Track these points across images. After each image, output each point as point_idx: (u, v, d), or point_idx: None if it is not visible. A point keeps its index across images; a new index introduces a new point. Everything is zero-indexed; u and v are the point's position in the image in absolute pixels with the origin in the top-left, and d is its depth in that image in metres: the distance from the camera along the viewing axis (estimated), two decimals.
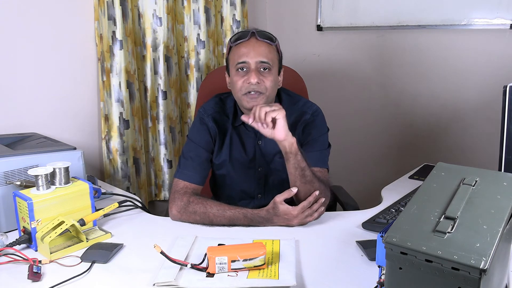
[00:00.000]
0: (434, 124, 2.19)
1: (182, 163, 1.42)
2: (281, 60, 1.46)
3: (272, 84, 1.36)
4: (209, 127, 1.46)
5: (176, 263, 1.03)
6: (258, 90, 1.34)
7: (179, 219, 1.33)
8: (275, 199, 1.27)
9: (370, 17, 2.24)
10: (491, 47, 1.97)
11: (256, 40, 1.36)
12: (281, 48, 1.45)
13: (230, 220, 1.28)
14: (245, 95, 1.35)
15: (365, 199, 1.75)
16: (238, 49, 1.37)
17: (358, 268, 1.06)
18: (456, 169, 0.90)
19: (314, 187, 1.30)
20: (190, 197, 1.34)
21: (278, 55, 1.42)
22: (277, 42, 1.42)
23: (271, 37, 1.39)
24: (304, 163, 1.30)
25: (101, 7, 1.79)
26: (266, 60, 1.35)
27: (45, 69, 1.73)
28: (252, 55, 1.34)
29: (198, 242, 1.19)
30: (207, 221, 1.30)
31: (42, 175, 1.15)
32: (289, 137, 1.28)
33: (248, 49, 1.35)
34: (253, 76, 1.32)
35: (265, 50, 1.35)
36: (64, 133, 1.77)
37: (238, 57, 1.36)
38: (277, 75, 1.41)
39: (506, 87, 1.12)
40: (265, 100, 1.36)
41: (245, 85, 1.34)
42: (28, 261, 1.05)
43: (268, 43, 1.37)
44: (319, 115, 1.47)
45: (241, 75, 1.35)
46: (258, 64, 1.34)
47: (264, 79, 1.35)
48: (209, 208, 1.30)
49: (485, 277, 0.65)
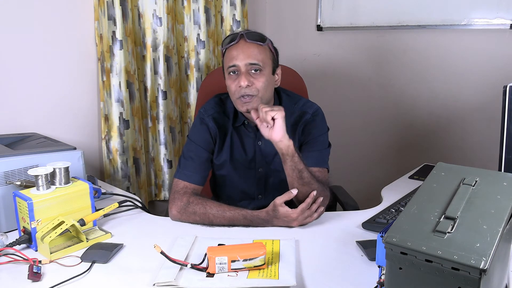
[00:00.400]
0: (434, 124, 2.19)
1: (182, 163, 1.42)
2: (277, 58, 1.43)
3: (264, 84, 1.35)
4: (209, 127, 1.45)
5: (176, 263, 1.03)
6: (250, 94, 1.33)
7: (179, 219, 1.33)
8: (275, 202, 1.26)
9: (370, 17, 2.24)
10: (491, 47, 1.97)
11: (245, 42, 1.35)
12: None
13: (229, 220, 1.28)
14: (239, 99, 1.35)
15: (365, 199, 1.75)
16: (229, 52, 1.36)
17: (358, 268, 1.06)
18: (456, 169, 0.90)
19: (312, 188, 1.30)
20: (190, 197, 1.34)
21: (271, 54, 1.39)
22: (269, 41, 1.39)
23: (261, 37, 1.37)
24: (301, 165, 1.29)
25: (101, 7, 1.79)
26: (255, 62, 1.33)
27: (45, 69, 1.73)
28: (241, 57, 1.33)
29: (198, 242, 1.19)
30: (207, 221, 1.30)
31: (42, 175, 1.15)
32: (285, 139, 1.27)
33: (238, 51, 1.34)
34: (242, 79, 1.32)
35: (254, 51, 1.34)
36: (64, 133, 1.77)
37: (229, 60, 1.35)
38: (271, 75, 1.39)
39: (506, 87, 1.12)
40: (258, 101, 1.35)
41: (238, 89, 1.34)
42: (28, 261, 1.05)
43: (257, 44, 1.36)
44: (319, 114, 1.46)
45: (233, 79, 1.35)
46: (248, 67, 1.33)
47: (254, 81, 1.33)
48: (209, 208, 1.30)
49: (485, 277, 0.65)
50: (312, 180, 1.30)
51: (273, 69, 1.41)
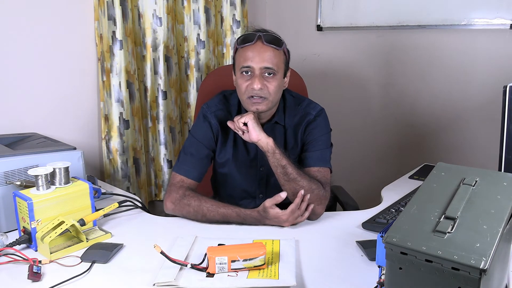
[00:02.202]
0: (434, 124, 2.20)
1: (182, 158, 1.43)
2: (288, 62, 1.43)
3: (276, 89, 1.36)
4: (211, 124, 1.46)
5: (176, 263, 1.03)
6: (261, 95, 1.34)
7: (173, 210, 1.34)
8: (264, 204, 1.27)
9: (370, 17, 2.24)
10: (491, 47, 1.97)
11: (262, 44, 1.33)
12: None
13: (223, 216, 1.29)
14: (249, 98, 1.35)
15: (365, 199, 1.75)
16: (244, 52, 1.35)
17: (358, 268, 1.06)
18: (456, 169, 0.90)
19: (299, 184, 1.30)
20: (185, 191, 1.35)
21: (285, 58, 1.40)
22: (284, 45, 1.38)
23: (278, 41, 1.36)
24: (284, 161, 1.31)
25: (101, 7, 1.79)
26: (271, 66, 1.33)
27: (45, 69, 1.73)
28: (257, 60, 1.32)
29: (198, 242, 1.19)
30: (200, 215, 1.31)
31: (42, 175, 1.15)
32: (262, 137, 1.33)
33: (254, 53, 1.33)
34: (256, 82, 1.32)
35: (271, 55, 1.33)
36: (64, 133, 1.77)
37: (243, 60, 1.34)
38: (283, 78, 1.40)
39: (506, 87, 1.12)
40: (269, 104, 1.36)
41: (249, 89, 1.34)
42: (28, 261, 1.05)
43: (274, 47, 1.34)
44: (321, 115, 1.47)
45: (246, 79, 1.35)
46: (263, 70, 1.33)
47: (268, 84, 1.34)
48: (204, 202, 1.31)
49: (485, 277, 0.65)
50: (298, 176, 1.31)
51: (285, 73, 1.41)
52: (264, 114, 1.41)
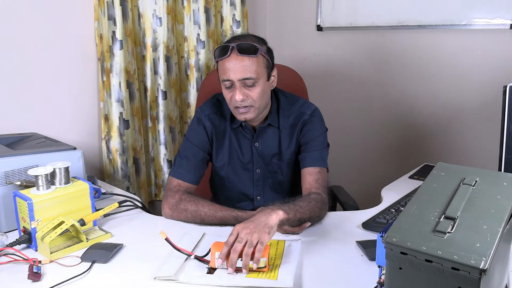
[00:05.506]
0: (434, 124, 2.20)
1: (178, 162, 1.43)
2: (272, 61, 1.39)
3: (260, 94, 1.34)
4: (206, 127, 1.45)
5: (181, 251, 1.05)
6: (245, 105, 1.33)
7: (171, 216, 1.34)
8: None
9: (370, 17, 2.24)
10: (491, 47, 1.97)
11: (236, 55, 1.29)
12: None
13: (221, 220, 1.29)
14: (236, 108, 1.35)
15: (365, 199, 1.75)
16: (222, 65, 1.32)
17: (358, 268, 1.06)
18: (456, 169, 0.90)
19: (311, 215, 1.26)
20: (182, 195, 1.35)
21: (265, 61, 1.34)
22: (260, 49, 1.32)
23: (253, 49, 1.30)
24: (296, 215, 1.20)
25: (101, 7, 1.79)
26: (249, 76, 1.30)
27: (45, 69, 1.73)
28: (234, 72, 1.30)
29: (206, 239, 1.20)
30: (198, 219, 1.30)
31: (42, 175, 1.15)
32: (270, 226, 1.09)
33: (230, 66, 1.30)
34: (238, 94, 1.31)
35: (247, 65, 1.29)
36: (64, 133, 1.77)
37: (222, 73, 1.33)
38: (267, 81, 1.36)
39: (506, 87, 1.12)
40: (256, 111, 1.35)
41: (233, 101, 1.33)
42: (28, 261, 1.05)
43: (250, 56, 1.30)
44: (317, 115, 1.46)
45: (229, 91, 1.34)
46: (242, 81, 1.31)
47: (250, 93, 1.32)
48: (201, 207, 1.31)
49: (485, 277, 0.65)
50: (306, 210, 1.24)
51: (268, 75, 1.37)
52: (256, 118, 1.40)
